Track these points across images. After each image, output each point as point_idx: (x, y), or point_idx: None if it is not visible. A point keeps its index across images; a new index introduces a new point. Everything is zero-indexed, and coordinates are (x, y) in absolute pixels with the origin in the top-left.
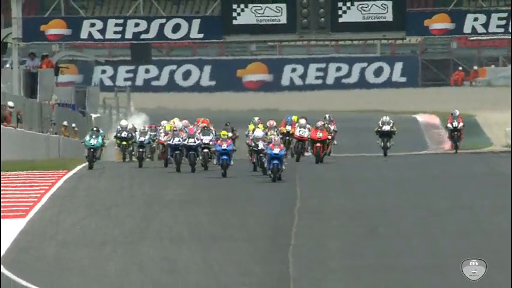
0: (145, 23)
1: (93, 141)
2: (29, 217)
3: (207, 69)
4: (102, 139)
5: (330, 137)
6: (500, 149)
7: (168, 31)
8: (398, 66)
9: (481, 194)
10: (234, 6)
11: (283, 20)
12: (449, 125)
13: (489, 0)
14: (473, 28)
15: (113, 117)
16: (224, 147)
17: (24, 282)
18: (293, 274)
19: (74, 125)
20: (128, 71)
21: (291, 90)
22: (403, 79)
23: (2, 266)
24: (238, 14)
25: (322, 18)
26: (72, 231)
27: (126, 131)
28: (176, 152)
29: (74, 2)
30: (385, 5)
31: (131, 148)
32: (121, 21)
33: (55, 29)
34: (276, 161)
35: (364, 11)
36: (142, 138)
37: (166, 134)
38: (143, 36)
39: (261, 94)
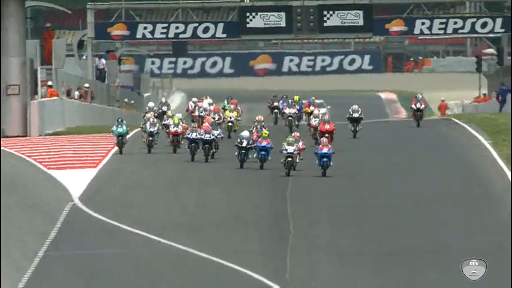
0: (183, 26)
1: (120, 129)
2: (99, 167)
3: (228, 60)
4: (127, 127)
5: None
6: (439, 117)
7: (200, 32)
8: (367, 58)
9: (427, 148)
10: (248, 14)
11: (283, 24)
12: (413, 106)
13: (432, 10)
14: (421, 30)
15: (159, 96)
16: (264, 145)
17: (96, 215)
18: (290, 211)
19: (132, 101)
20: (170, 62)
21: (289, 75)
22: (370, 67)
23: (80, 202)
24: (251, 20)
25: (312, 23)
26: (130, 178)
27: (153, 110)
28: (192, 144)
29: (132, 11)
30: (357, 13)
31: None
32: (165, 25)
33: (118, 30)
34: (325, 159)
35: (342, 17)
36: (152, 129)
37: (175, 125)
38: (181, 36)
39: (267, 78)
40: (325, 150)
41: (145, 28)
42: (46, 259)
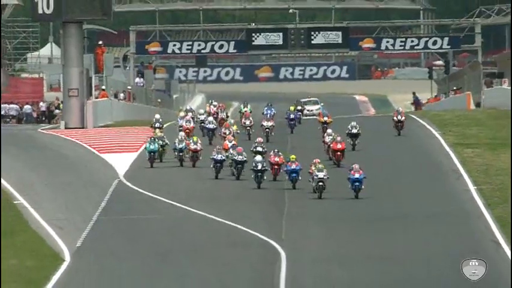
0: (203, 43)
1: (152, 146)
2: (139, 151)
3: (238, 70)
4: (159, 145)
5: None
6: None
7: (216, 48)
8: (344, 68)
9: (391, 138)
10: (253, 34)
11: (280, 42)
12: (394, 118)
13: (395, 31)
14: (386, 46)
15: (184, 97)
16: (293, 167)
17: (137, 188)
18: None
19: (160, 101)
20: (193, 71)
21: (284, 81)
22: (347, 75)
23: (124, 179)
24: (255, 39)
25: (302, 41)
26: (165, 160)
27: (159, 122)
28: (217, 164)
29: (164, 32)
30: (337, 34)
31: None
32: (190, 43)
33: (153, 47)
34: (357, 183)
35: (325, 37)
36: (181, 145)
37: (195, 143)
38: (202, 51)
39: (268, 84)
40: (357, 175)
41: (174, 45)
42: (99, 222)
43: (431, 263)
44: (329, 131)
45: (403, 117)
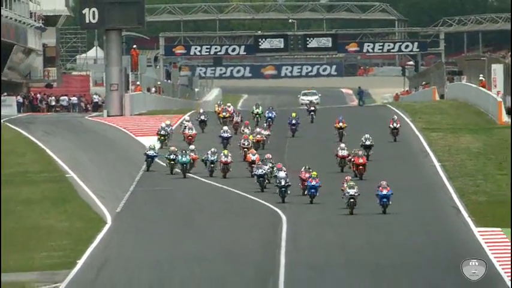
0: (219, 47)
1: (184, 159)
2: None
3: (248, 68)
4: (190, 157)
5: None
6: (380, 104)
7: (230, 51)
8: (334, 67)
9: (371, 123)
10: (260, 39)
11: (281, 46)
12: (390, 125)
13: (374, 37)
14: (367, 49)
15: (204, 90)
16: (313, 184)
17: (165, 164)
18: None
19: (187, 94)
20: (211, 70)
21: (285, 78)
22: (336, 73)
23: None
24: (262, 43)
25: (300, 45)
26: (195, 170)
27: (165, 130)
28: (260, 179)
29: (187, 38)
30: (328, 39)
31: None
32: (208, 46)
33: (179, 50)
34: (385, 200)
35: (318, 42)
36: (213, 157)
37: (225, 156)
38: (218, 53)
39: (271, 80)
40: (384, 192)
41: (196, 48)
42: (134, 192)
43: (406, 226)
44: (342, 145)
45: (399, 125)
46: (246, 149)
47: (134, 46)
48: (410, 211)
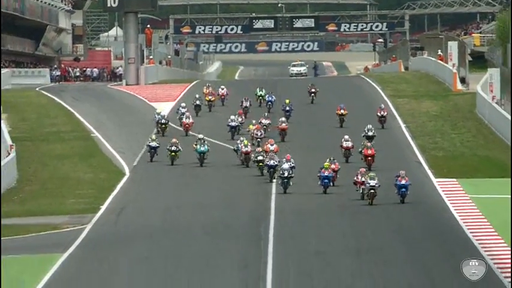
0: (220, 27)
1: (202, 148)
2: (176, 100)
3: (243, 45)
4: (208, 146)
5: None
6: (354, 74)
7: (228, 30)
8: (316, 43)
9: (342, 91)
10: (254, 20)
11: (272, 26)
12: (378, 114)
13: (350, 19)
14: (344, 29)
15: (207, 63)
16: (326, 174)
17: (175, 126)
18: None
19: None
20: (213, 46)
21: (275, 53)
22: (318, 48)
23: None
24: (255, 24)
25: (287, 25)
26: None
27: (165, 118)
28: (271, 169)
29: (193, 19)
30: (311, 20)
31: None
32: (210, 26)
33: (186, 29)
34: (403, 189)
35: (303, 22)
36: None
37: (245, 146)
38: (219, 32)
39: (264, 54)
40: (403, 182)
41: (200, 28)
42: (146, 157)
43: (378, 176)
44: (346, 136)
45: (386, 113)
46: (259, 140)
47: (148, 26)
48: (382, 165)
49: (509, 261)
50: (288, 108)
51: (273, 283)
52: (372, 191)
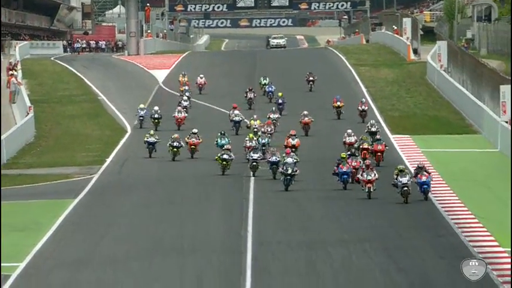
0: (208, 5)
1: (223, 141)
2: (172, 67)
3: (228, 21)
4: (229, 139)
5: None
6: (323, 46)
7: (215, 8)
8: (290, 20)
9: (317, 60)
10: (237, 0)
11: (252, 4)
12: (359, 108)
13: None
14: (314, 8)
15: (197, 36)
16: (344, 170)
17: (169, 90)
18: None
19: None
20: (202, 22)
21: (255, 28)
22: (292, 24)
23: (162, 84)
24: (238, 3)
25: (265, 4)
26: (193, 71)
27: (158, 113)
28: (273, 166)
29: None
30: (286, 0)
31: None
32: (200, 5)
33: (179, 7)
34: (425, 186)
35: (279, 1)
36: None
37: (250, 140)
38: (207, 10)
39: (246, 29)
40: (424, 178)
41: (191, 6)
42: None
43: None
44: (349, 131)
45: (367, 107)
46: (269, 135)
47: (148, 4)
48: (348, 118)
49: (454, 205)
50: (280, 101)
51: (254, 225)
52: (406, 189)
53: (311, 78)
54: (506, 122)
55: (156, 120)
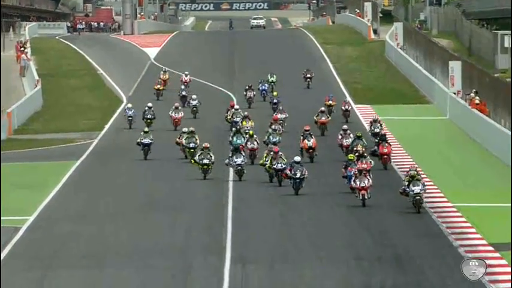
0: None
1: (238, 141)
2: (162, 45)
3: (212, 4)
4: (244, 138)
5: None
6: (294, 27)
7: None
8: (266, 4)
9: (290, 40)
10: None
11: None
12: (342, 108)
13: None
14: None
15: (184, 18)
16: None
17: (160, 65)
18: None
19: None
20: (189, 5)
21: (236, 11)
22: (268, 8)
23: (154, 61)
24: None
25: None
26: (181, 50)
27: (151, 112)
28: (279, 172)
29: None
30: None
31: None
32: None
33: None
34: (418, 197)
35: None
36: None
37: (251, 142)
38: None
39: (227, 12)
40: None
41: None
42: (141, 82)
43: (312, 103)
44: (345, 127)
45: (350, 107)
46: (280, 134)
47: None
48: (315, 94)
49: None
50: (276, 100)
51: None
52: (418, 197)
53: (308, 75)
54: (455, 93)
55: (149, 121)
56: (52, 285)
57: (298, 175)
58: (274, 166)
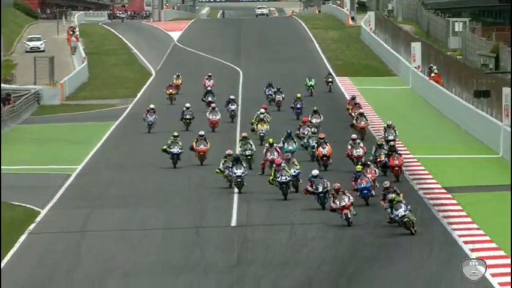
0: None
1: (291, 148)
2: (183, 30)
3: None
4: (296, 145)
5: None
6: (288, 15)
7: None
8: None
9: (285, 27)
10: None
11: None
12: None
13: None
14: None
15: (200, 8)
16: (364, 185)
17: (184, 47)
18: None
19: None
20: None
21: (242, 2)
22: (266, 6)
23: (178, 43)
24: None
25: None
26: (203, 33)
27: (189, 112)
28: (283, 185)
29: None
30: None
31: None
32: None
33: None
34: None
35: None
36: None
37: (271, 152)
38: None
39: (235, 3)
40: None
41: None
42: (167, 59)
43: (301, 76)
44: (355, 138)
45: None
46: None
47: None
48: (304, 68)
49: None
50: (299, 105)
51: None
52: (406, 219)
53: (330, 79)
54: (416, 68)
55: (188, 121)
56: (97, 219)
57: (320, 189)
58: (278, 179)
